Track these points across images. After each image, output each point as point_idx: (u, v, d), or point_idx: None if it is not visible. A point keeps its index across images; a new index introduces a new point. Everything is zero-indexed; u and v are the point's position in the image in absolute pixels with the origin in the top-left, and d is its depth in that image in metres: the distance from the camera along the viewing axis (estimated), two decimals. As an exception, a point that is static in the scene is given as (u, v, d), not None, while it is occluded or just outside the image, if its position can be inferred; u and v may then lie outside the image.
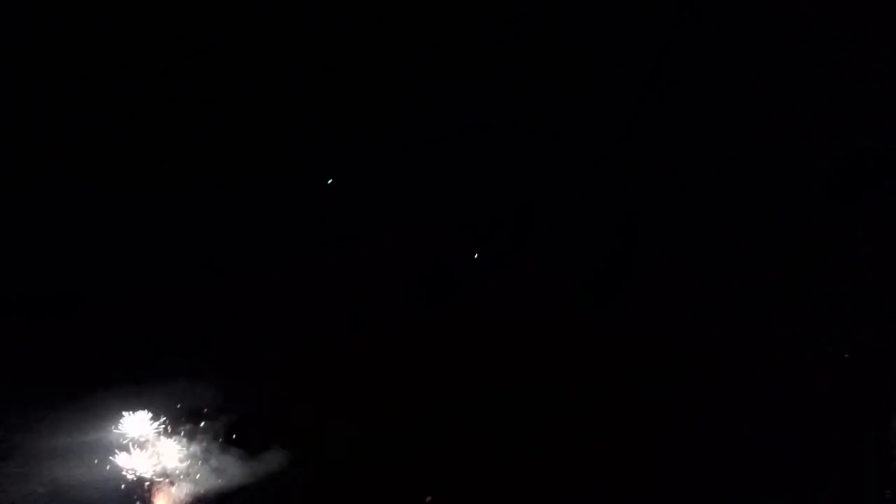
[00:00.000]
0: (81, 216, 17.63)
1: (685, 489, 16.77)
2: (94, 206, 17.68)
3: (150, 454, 16.37)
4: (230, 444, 16.65)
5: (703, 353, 17.58)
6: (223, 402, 16.93)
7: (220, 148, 18.14)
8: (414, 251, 18.51)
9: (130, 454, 16.02)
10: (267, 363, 17.42)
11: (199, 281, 17.79)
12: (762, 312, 17.87)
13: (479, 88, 18.64)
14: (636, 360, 17.74)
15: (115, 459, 15.97)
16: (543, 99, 18.75)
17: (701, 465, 16.78)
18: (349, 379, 17.64)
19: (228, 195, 18.03)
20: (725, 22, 18.77)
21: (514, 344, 17.89)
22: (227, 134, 18.14)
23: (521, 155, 18.69)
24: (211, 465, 16.41)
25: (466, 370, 17.75)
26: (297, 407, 17.20)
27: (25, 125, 17.50)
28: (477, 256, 18.25)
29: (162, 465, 16.34)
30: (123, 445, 16.20)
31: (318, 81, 18.42)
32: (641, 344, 17.75)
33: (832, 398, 17.13)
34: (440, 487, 16.77)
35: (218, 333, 17.51)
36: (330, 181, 17.55)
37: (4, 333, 16.89)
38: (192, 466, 16.42)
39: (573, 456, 17.03)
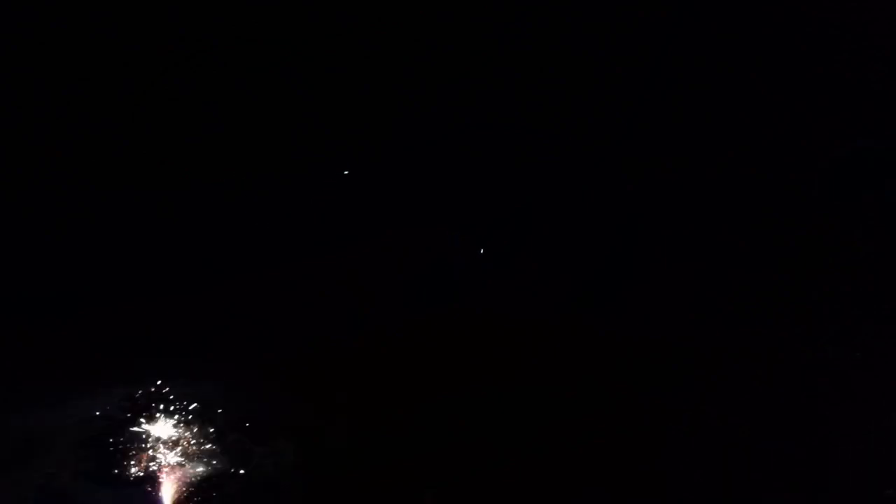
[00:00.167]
0: (81, 216, 17.65)
1: (685, 489, 16.78)
2: (94, 206, 17.70)
3: (153, 447, 16.47)
4: (234, 432, 16.75)
5: (703, 353, 17.59)
6: (224, 397, 17.03)
7: (220, 148, 18.17)
8: (414, 251, 18.53)
9: (134, 448, 16.14)
10: (267, 363, 17.45)
11: (199, 281, 17.81)
12: (762, 312, 17.88)
13: (479, 88, 18.65)
14: (636, 360, 17.75)
15: (117, 454, 16.07)
16: (543, 99, 18.75)
17: (701, 465, 16.80)
18: (349, 379, 17.66)
19: (228, 195, 18.05)
20: (725, 22, 18.78)
21: (514, 344, 17.90)
22: (227, 134, 18.16)
23: (521, 155, 18.71)
24: (215, 452, 16.50)
25: (466, 370, 17.77)
26: (296, 407, 17.26)
27: (25, 125, 17.52)
28: (481, 253, 18.26)
29: (166, 456, 16.43)
30: (126, 440, 16.33)
31: (318, 81, 18.43)
32: (641, 344, 17.77)
33: (832, 398, 17.16)
34: (440, 487, 16.80)
35: (218, 333, 17.54)
36: (346, 172, 17.56)
37: (4, 333, 16.93)
38: (196, 455, 16.53)
39: (573, 456, 17.04)
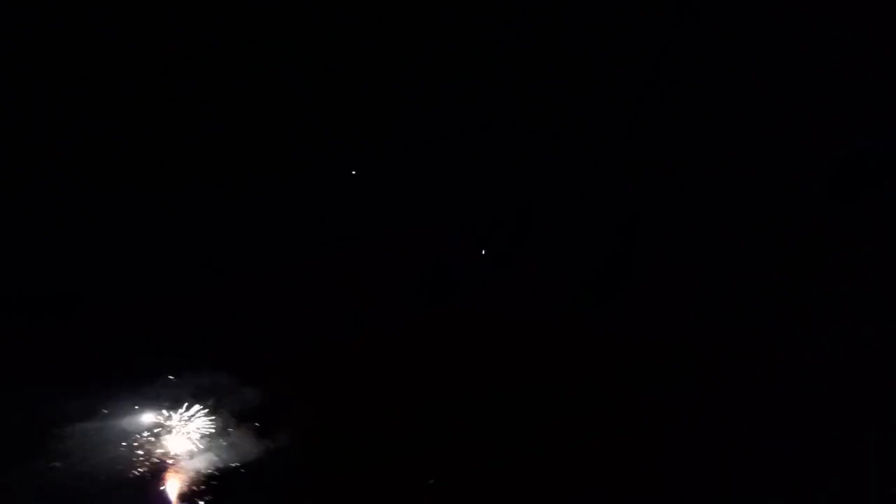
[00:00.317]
0: (81, 216, 17.65)
1: (685, 489, 16.79)
2: (94, 206, 17.70)
3: (153, 446, 16.50)
4: (234, 431, 16.78)
5: (703, 353, 17.59)
6: (225, 396, 17.07)
7: (220, 148, 18.17)
8: (414, 251, 18.53)
9: (134, 448, 16.17)
10: (267, 363, 17.45)
11: (199, 281, 17.81)
12: (762, 312, 17.88)
13: (479, 88, 18.65)
14: (636, 360, 17.75)
15: (118, 454, 16.11)
16: (543, 99, 18.75)
17: (701, 465, 16.80)
18: (349, 379, 17.66)
19: (228, 195, 18.05)
20: (725, 22, 18.78)
21: (514, 344, 17.90)
22: (227, 134, 18.16)
23: (521, 155, 18.70)
24: (214, 451, 16.53)
25: (466, 370, 17.77)
26: (296, 406, 17.26)
27: (25, 125, 17.51)
28: (483, 254, 18.27)
29: (166, 454, 16.46)
30: (126, 439, 16.35)
31: (318, 81, 18.44)
32: (641, 344, 17.77)
33: (832, 398, 17.15)
34: (440, 487, 16.80)
35: (218, 333, 17.54)
36: (353, 172, 17.58)
37: (4, 333, 16.93)
38: (195, 454, 16.55)
39: (573, 456, 17.05)
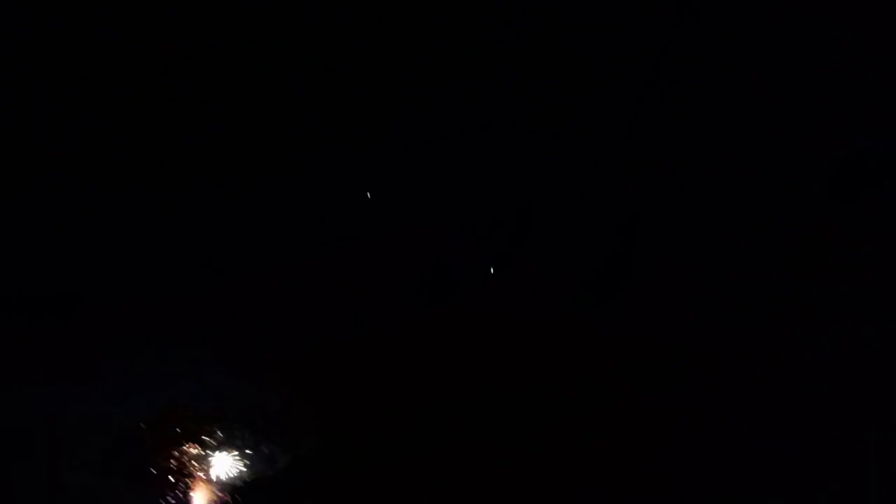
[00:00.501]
0: (81, 216, 17.67)
1: (685, 489, 16.79)
2: (94, 206, 17.72)
3: (153, 446, 16.50)
4: (234, 431, 16.77)
5: (703, 353, 17.59)
6: (224, 396, 17.06)
7: (220, 148, 18.18)
8: (414, 251, 18.54)
9: (134, 448, 16.17)
10: (267, 363, 17.46)
11: (199, 281, 17.82)
12: (762, 312, 17.88)
13: (479, 88, 18.64)
14: (636, 360, 17.75)
15: (119, 454, 16.10)
16: (543, 99, 18.74)
17: (701, 465, 16.80)
18: (349, 379, 17.67)
19: (228, 195, 18.06)
20: (725, 22, 18.77)
21: (514, 344, 17.91)
22: (227, 134, 18.17)
23: (521, 155, 18.71)
24: (213, 451, 16.52)
25: (466, 370, 17.77)
26: (296, 406, 17.27)
27: (25, 125, 17.52)
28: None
29: (166, 455, 16.47)
30: (126, 440, 16.34)
31: (318, 81, 18.44)
32: (641, 344, 17.77)
33: (832, 398, 17.15)
34: (440, 487, 16.80)
35: (218, 333, 17.55)
36: (369, 194, 17.68)
37: (4, 333, 16.94)
38: (195, 453, 16.54)
39: (573, 456, 17.04)
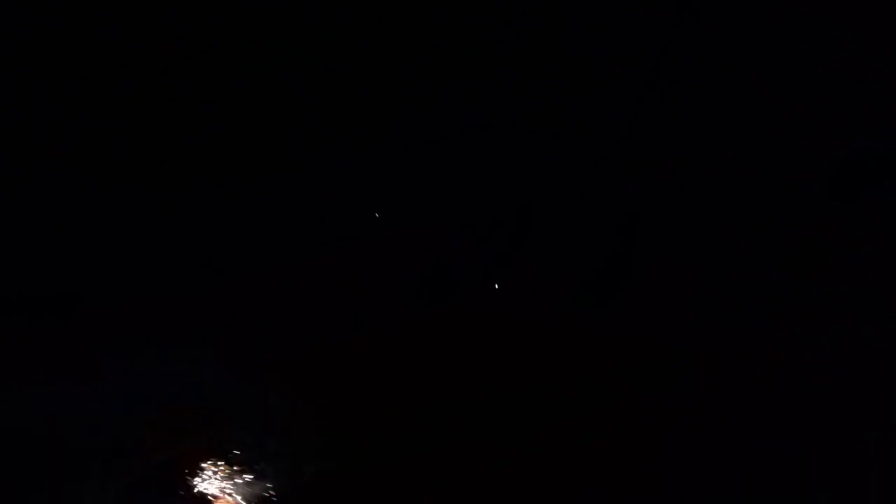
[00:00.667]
0: (81, 216, 17.74)
1: (685, 489, 16.80)
2: (94, 206, 17.80)
3: (153, 446, 16.57)
4: (233, 431, 16.88)
5: (703, 353, 17.61)
6: (224, 397, 17.15)
7: (220, 148, 18.25)
8: (414, 251, 18.58)
9: (134, 448, 16.25)
10: (267, 363, 17.54)
11: (199, 281, 17.90)
12: (762, 312, 17.92)
13: (479, 88, 18.70)
14: (636, 360, 17.78)
15: (118, 454, 16.16)
16: (543, 99, 18.79)
17: (701, 465, 16.82)
18: (349, 379, 17.73)
19: (228, 195, 18.12)
20: (725, 22, 18.84)
21: (514, 344, 17.94)
22: (227, 134, 18.23)
23: (521, 155, 18.78)
24: (213, 451, 16.64)
25: (466, 370, 17.80)
26: (296, 407, 17.34)
27: (25, 125, 17.60)
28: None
29: (165, 455, 16.55)
30: (126, 440, 16.44)
31: (318, 81, 18.51)
32: (641, 344, 17.79)
33: (832, 398, 17.18)
34: (440, 487, 16.87)
35: (218, 333, 17.62)
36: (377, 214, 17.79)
37: (4, 333, 17.02)
38: (194, 453, 16.62)
39: (573, 456, 17.05)
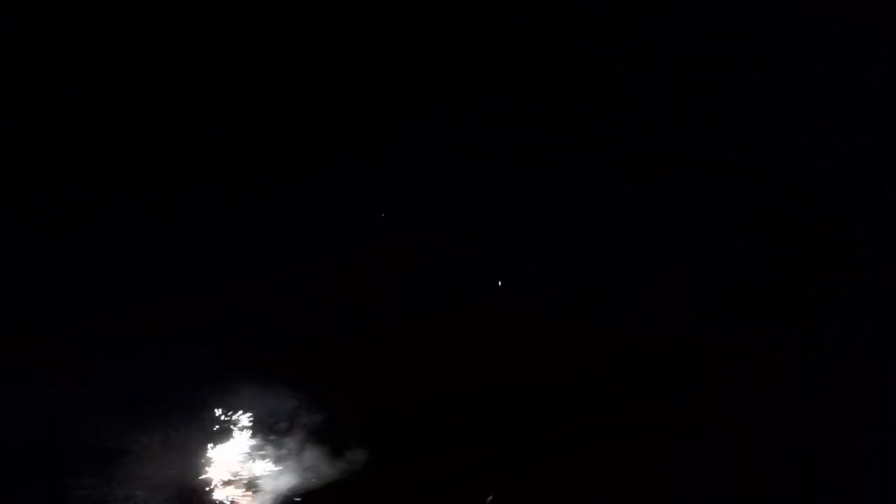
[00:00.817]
0: (81, 216, 17.66)
1: (685, 489, 16.78)
2: (94, 206, 17.71)
3: (153, 446, 16.49)
4: (233, 431, 16.76)
5: (703, 353, 17.59)
6: (224, 396, 17.07)
7: (220, 148, 18.17)
8: (414, 251, 18.53)
9: (134, 448, 16.17)
10: (267, 363, 17.45)
11: (199, 281, 17.82)
12: (762, 312, 17.88)
13: (479, 88, 18.65)
14: (636, 360, 17.76)
15: (118, 455, 16.10)
16: (543, 99, 18.76)
17: (701, 465, 16.80)
18: (349, 379, 17.66)
19: (228, 195, 18.06)
20: (725, 22, 18.78)
21: (514, 344, 17.91)
22: (227, 134, 18.16)
23: (521, 155, 18.71)
24: (213, 451, 16.51)
25: (466, 370, 17.77)
26: (296, 406, 17.25)
27: (25, 125, 17.52)
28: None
29: (164, 455, 16.45)
30: (127, 439, 16.34)
31: (318, 81, 18.44)
32: (641, 344, 17.77)
33: (832, 398, 17.15)
34: (440, 487, 16.79)
35: (218, 333, 17.54)
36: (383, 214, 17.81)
37: (4, 333, 16.92)
38: (194, 452, 16.54)
39: (573, 456, 17.04)
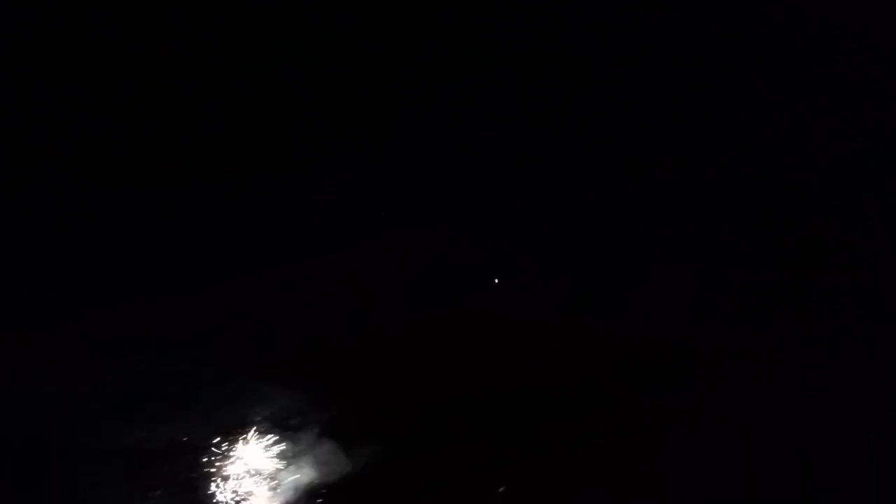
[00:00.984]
0: (81, 216, 17.66)
1: (685, 489, 16.78)
2: (94, 206, 17.71)
3: (152, 447, 16.48)
4: (234, 431, 16.77)
5: (703, 353, 17.60)
6: (224, 396, 17.07)
7: (220, 148, 18.17)
8: (414, 251, 18.53)
9: (134, 448, 16.15)
10: (267, 363, 17.45)
11: (199, 281, 17.82)
12: (762, 312, 17.89)
13: (479, 88, 18.66)
14: (636, 360, 17.76)
15: (118, 454, 16.09)
16: (543, 99, 18.76)
17: (701, 465, 16.80)
18: (349, 379, 17.66)
19: (228, 195, 18.06)
20: (725, 22, 18.79)
21: (514, 344, 17.91)
22: (227, 134, 18.16)
23: (521, 155, 18.71)
24: (212, 451, 16.52)
25: (466, 370, 17.77)
26: (296, 406, 17.26)
27: (25, 125, 17.51)
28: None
29: (164, 455, 16.44)
30: (126, 440, 16.34)
31: (318, 81, 18.44)
32: (641, 344, 17.78)
33: (832, 398, 17.15)
34: (440, 487, 16.79)
35: (218, 333, 17.54)
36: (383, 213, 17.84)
37: (4, 333, 16.92)
38: (194, 453, 16.54)
39: (573, 456, 17.05)
